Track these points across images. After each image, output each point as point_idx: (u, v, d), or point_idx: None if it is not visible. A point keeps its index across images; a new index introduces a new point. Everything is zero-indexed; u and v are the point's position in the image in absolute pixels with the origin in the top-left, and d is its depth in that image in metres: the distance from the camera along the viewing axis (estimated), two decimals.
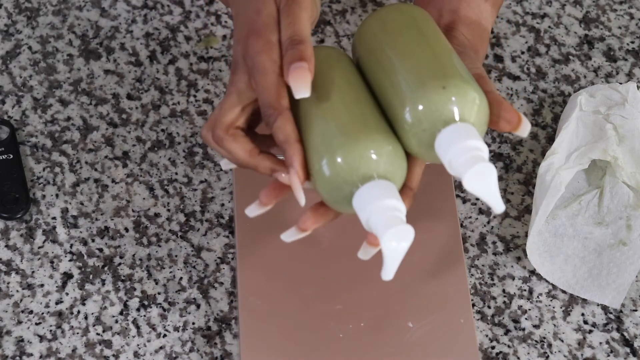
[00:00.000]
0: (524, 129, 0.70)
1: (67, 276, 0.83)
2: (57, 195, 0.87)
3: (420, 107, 0.67)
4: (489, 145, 0.91)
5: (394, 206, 0.66)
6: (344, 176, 0.68)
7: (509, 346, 0.82)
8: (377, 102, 0.72)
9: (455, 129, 0.67)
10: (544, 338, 0.83)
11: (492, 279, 0.85)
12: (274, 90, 0.70)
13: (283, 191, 0.72)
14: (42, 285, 0.83)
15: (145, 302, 0.83)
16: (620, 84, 0.91)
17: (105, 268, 0.84)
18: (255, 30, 0.71)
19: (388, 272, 0.66)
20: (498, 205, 0.65)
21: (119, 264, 0.84)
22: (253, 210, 0.73)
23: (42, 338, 0.81)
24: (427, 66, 0.69)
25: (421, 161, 0.72)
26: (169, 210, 0.87)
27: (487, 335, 0.83)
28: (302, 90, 0.69)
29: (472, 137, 0.66)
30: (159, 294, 0.83)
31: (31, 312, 0.82)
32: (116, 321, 0.82)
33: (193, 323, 0.82)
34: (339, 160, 0.68)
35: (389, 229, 0.65)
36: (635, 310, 0.85)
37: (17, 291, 0.83)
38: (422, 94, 0.68)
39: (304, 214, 0.71)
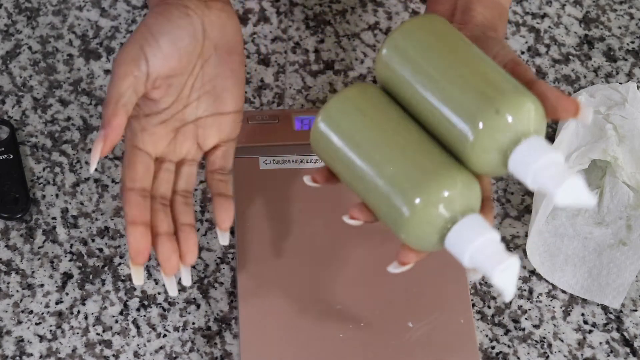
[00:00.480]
0: (587, 116, 0.68)
1: (67, 276, 0.83)
2: (57, 195, 0.87)
3: (482, 137, 0.66)
4: None
5: (490, 239, 0.66)
6: (428, 225, 0.67)
7: (509, 346, 0.82)
8: (424, 127, 0.70)
9: (525, 148, 0.66)
10: (544, 338, 0.83)
11: None
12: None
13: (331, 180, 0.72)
14: (42, 285, 0.83)
15: (145, 302, 0.83)
16: (620, 84, 0.91)
17: (105, 268, 0.84)
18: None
19: (508, 296, 0.66)
20: (591, 203, 0.64)
21: (119, 264, 0.84)
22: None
23: (42, 338, 0.81)
24: (474, 91, 0.67)
25: None
26: None
27: (487, 335, 0.83)
28: (93, 158, 0.72)
29: (545, 151, 0.65)
30: (159, 294, 0.83)
31: (31, 312, 0.82)
32: (116, 321, 0.82)
33: (193, 323, 0.82)
34: (420, 208, 0.67)
35: (496, 267, 0.65)
36: (635, 310, 0.85)
37: (17, 291, 0.83)
38: (480, 124, 0.66)
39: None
